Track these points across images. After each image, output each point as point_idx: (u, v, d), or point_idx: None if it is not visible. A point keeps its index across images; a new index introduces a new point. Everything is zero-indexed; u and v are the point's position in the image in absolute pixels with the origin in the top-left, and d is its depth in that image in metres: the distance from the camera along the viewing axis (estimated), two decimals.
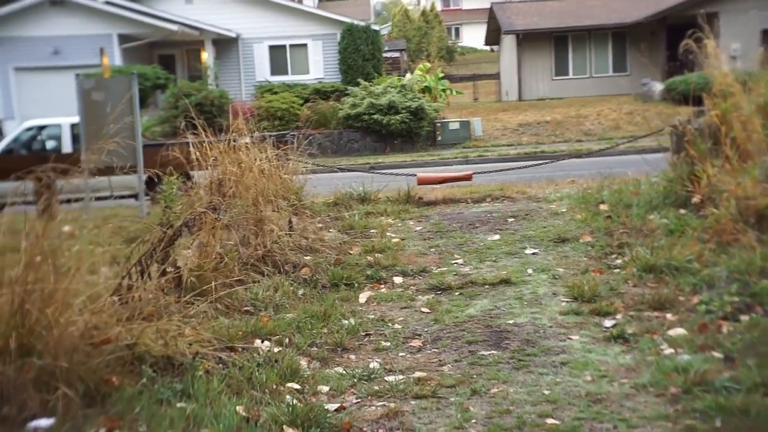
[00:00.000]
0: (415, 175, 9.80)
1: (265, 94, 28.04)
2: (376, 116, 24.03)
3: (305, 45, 32.20)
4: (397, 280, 6.51)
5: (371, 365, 4.61)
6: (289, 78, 31.14)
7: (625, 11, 33.04)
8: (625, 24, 32.27)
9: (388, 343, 5.00)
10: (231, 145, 7.66)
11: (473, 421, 3.80)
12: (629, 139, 14.16)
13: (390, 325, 5.37)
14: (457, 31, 64.55)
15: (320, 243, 7.31)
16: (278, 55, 32.22)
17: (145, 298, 4.53)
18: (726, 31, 27.37)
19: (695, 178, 7.27)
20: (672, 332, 4.80)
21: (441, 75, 29.59)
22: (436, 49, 47.22)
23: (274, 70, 31.93)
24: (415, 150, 24.16)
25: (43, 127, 14.58)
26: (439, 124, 25.05)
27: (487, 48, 49.81)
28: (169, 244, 4.87)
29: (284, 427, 3.69)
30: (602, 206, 8.23)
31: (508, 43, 35.87)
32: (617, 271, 6.27)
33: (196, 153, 7.75)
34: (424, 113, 24.40)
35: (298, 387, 4.24)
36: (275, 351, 4.74)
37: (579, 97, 31.44)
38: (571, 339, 4.89)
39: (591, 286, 5.74)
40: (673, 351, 4.49)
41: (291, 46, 32.22)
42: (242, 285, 6.00)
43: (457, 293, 6.04)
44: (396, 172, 10.23)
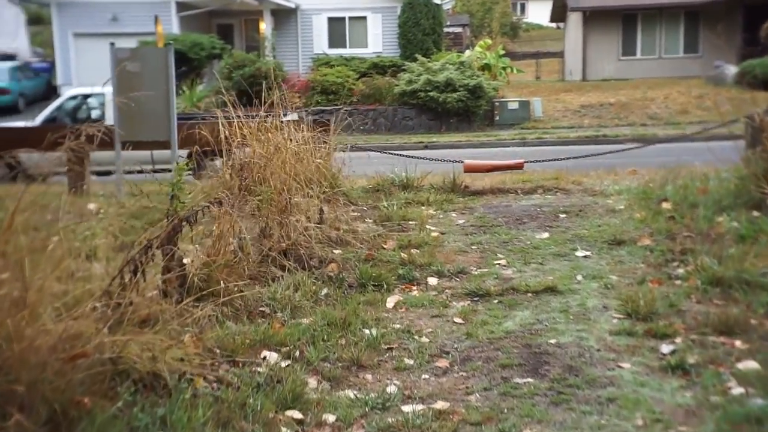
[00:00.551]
0: (462, 162, 9.13)
1: (321, 68, 27.51)
2: (432, 93, 23.33)
3: (365, 18, 31.55)
4: (432, 281, 5.91)
5: (389, 389, 4.04)
6: (347, 51, 30.56)
7: None
8: (699, 3, 30.81)
9: (411, 361, 4.42)
10: (262, 124, 7.11)
11: None
12: (701, 128, 13.26)
13: (416, 337, 4.79)
14: (523, 7, 63.02)
15: (352, 235, 6.73)
16: (337, 28, 31.64)
17: (137, 302, 4.01)
18: None
19: None
20: (742, 365, 4.12)
21: (502, 52, 28.65)
22: (498, 25, 45.97)
23: (332, 43, 31.38)
24: (472, 130, 23.43)
25: (87, 96, 14.28)
26: (497, 104, 24.25)
27: (553, 25, 48.41)
28: (169, 239, 4.35)
29: None
30: (665, 204, 7.49)
31: (574, 21, 34.67)
32: (679, 282, 5.57)
33: (225, 131, 7.23)
34: (483, 92, 23.62)
35: (300, 416, 3.69)
36: (282, 366, 4.20)
37: (646, 78, 30.20)
38: (621, 367, 4.24)
39: (647, 300, 5.06)
40: (743, 391, 3.82)
41: (350, 18, 31.60)
42: (259, 282, 5.48)
43: (496, 301, 5.41)
44: (442, 158, 9.56)
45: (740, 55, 28.36)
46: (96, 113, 14.30)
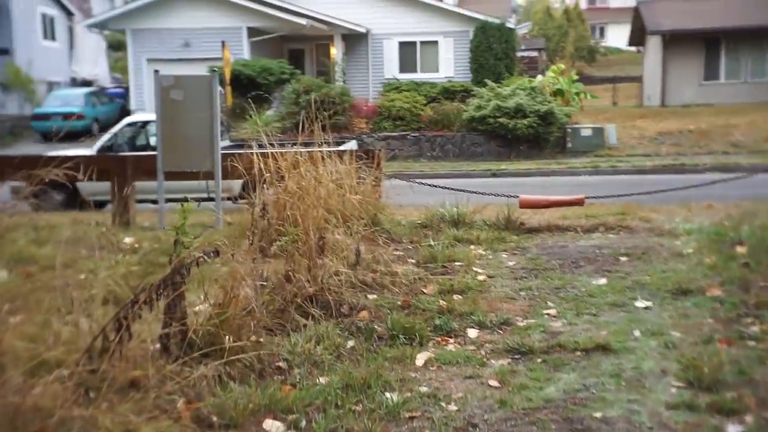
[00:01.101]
0: (517, 197, 8.54)
1: (391, 92, 27.17)
2: (501, 119, 22.69)
3: (436, 42, 31.16)
4: (471, 333, 5.35)
5: None
6: (418, 76, 30.18)
7: None
8: None
9: None
10: (299, 156, 6.69)
11: None
12: None
13: (443, 404, 4.23)
14: (602, 30, 61.81)
15: (390, 278, 6.23)
16: (408, 52, 31.32)
17: (120, 365, 3.59)
18: None
19: None
20: None
21: (576, 77, 27.82)
22: (573, 49, 45.03)
23: (403, 68, 31.05)
24: (542, 157, 22.67)
25: (146, 123, 14.18)
26: (569, 130, 23.46)
27: (633, 49, 47.18)
28: (172, 288, 3.91)
29: None
30: (739, 248, 6.77)
31: (654, 44, 33.58)
32: (752, 343, 4.90)
33: (260, 163, 6.85)
34: (554, 118, 22.87)
35: None
36: None
37: (729, 104, 28.91)
38: None
39: (714, 366, 4.42)
40: None
41: (421, 42, 31.25)
42: (279, 333, 5.03)
43: (540, 360, 4.82)
44: (495, 192, 8.98)
45: None
46: (155, 140, 14.16)
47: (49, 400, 3.19)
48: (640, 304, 5.80)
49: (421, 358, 4.87)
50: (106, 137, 13.53)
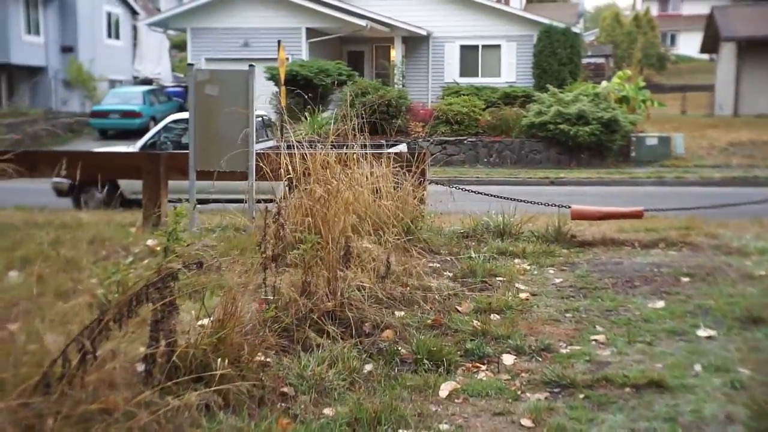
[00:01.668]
0: (569, 207, 7.86)
1: (450, 97, 26.54)
2: (562, 126, 21.88)
3: (498, 46, 30.46)
4: (507, 360, 4.74)
5: None
6: (479, 80, 29.50)
7: None
8: None
9: None
10: (330, 157, 6.16)
11: None
12: None
13: None
14: (673, 38, 60.09)
15: (422, 293, 5.65)
16: (469, 56, 30.68)
17: (79, 395, 3.09)
18: None
19: None
20: None
21: (642, 84, 26.79)
22: (640, 56, 43.72)
23: (464, 72, 30.41)
24: (604, 166, 21.79)
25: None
26: (634, 139, 22.52)
27: (705, 57, 45.65)
28: (130, 306, 3.39)
29: None
30: None
31: (727, 52, 32.28)
32: None
33: (288, 164, 6.35)
34: (618, 125, 21.97)
35: None
36: None
37: None
38: None
39: None
40: None
41: (483, 46, 30.59)
42: (289, 353, 4.49)
43: (582, 396, 4.19)
44: (549, 202, 8.31)
45: None
46: None
47: None
48: (703, 333, 5.11)
49: (445, 388, 4.28)
50: (149, 135, 13.23)
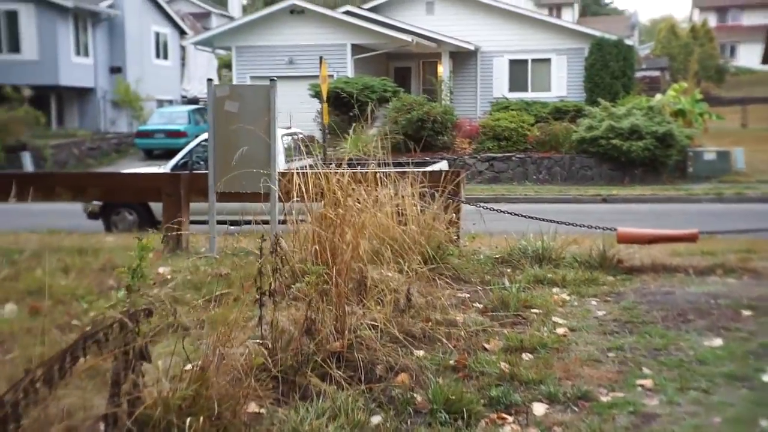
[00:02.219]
0: (615, 229, 7.18)
1: (499, 112, 25.89)
2: (615, 141, 21.07)
3: (548, 60, 29.76)
4: (538, 409, 4.11)
5: None
6: (529, 95, 28.84)
7: None
8: None
9: None
10: (338, 177, 5.62)
11: None
12: None
13: None
14: (733, 49, 58.52)
15: (446, 329, 5.06)
16: (518, 70, 30.03)
17: None
18: None
19: None
20: None
21: (699, 96, 25.79)
22: (697, 68, 42.44)
23: (513, 86, 29.76)
24: (659, 182, 20.90)
25: None
26: (690, 153, 21.58)
27: (767, 68, 44.16)
28: (64, 360, 2.87)
29: None
30: None
31: None
32: None
33: (300, 184, 5.83)
34: (674, 140, 21.08)
35: None
36: None
37: None
38: None
39: None
40: None
41: (533, 60, 29.92)
42: (285, 403, 3.94)
43: None
44: (591, 225, 7.63)
45: None
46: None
47: None
48: None
49: None
50: (181, 154, 12.87)
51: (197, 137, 13.92)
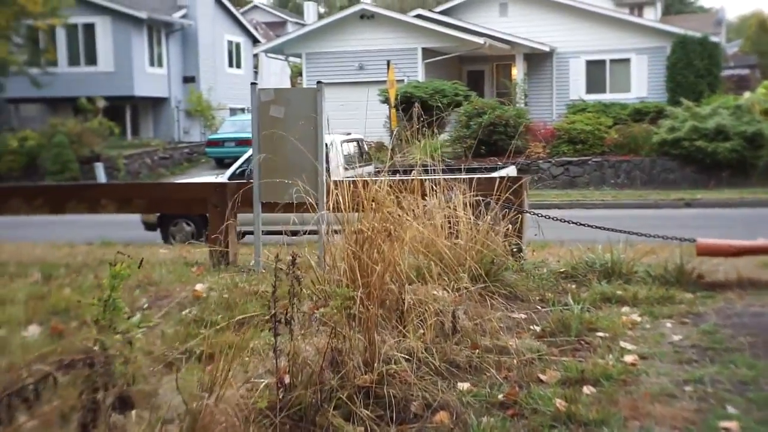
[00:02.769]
0: (694, 240, 6.43)
1: (576, 114, 24.95)
2: (699, 142, 19.97)
3: (628, 60, 28.64)
4: None
5: None
6: (607, 96, 27.78)
7: None
8: None
9: None
10: (377, 187, 5.07)
11: None
12: None
13: None
14: None
15: (496, 356, 4.47)
16: (596, 71, 28.98)
17: None
18: None
19: None
20: None
21: None
22: None
23: (590, 88, 28.74)
24: (748, 185, 19.70)
25: None
26: None
27: None
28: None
29: None
30: None
31: None
32: None
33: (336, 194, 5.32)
34: (764, 140, 19.88)
35: None
36: None
37: None
38: None
39: None
40: None
41: (611, 60, 28.84)
42: None
43: None
44: (670, 234, 6.87)
45: None
46: None
47: None
48: None
49: None
50: (238, 163, 12.52)
51: None
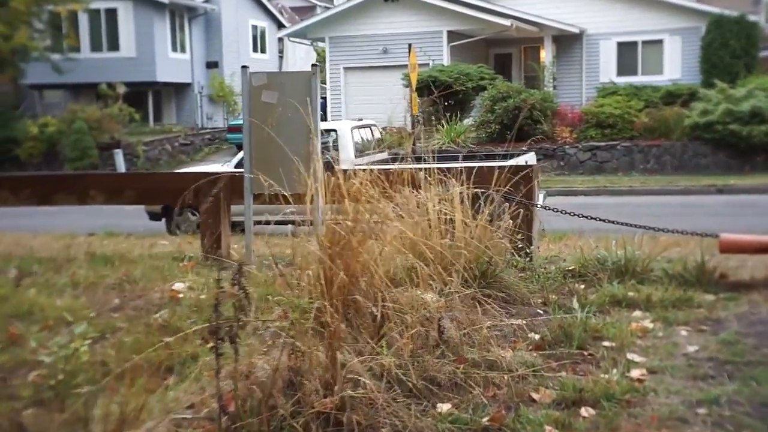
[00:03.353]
0: (717, 236, 5.85)
1: (605, 98, 24.17)
2: (733, 126, 19.18)
3: (661, 41, 27.71)
4: None
5: None
6: (638, 79, 26.89)
7: None
8: None
9: None
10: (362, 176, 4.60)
11: None
12: None
13: None
14: None
15: (484, 372, 3.96)
16: (627, 53, 28.09)
17: None
18: None
19: None
20: None
21: None
22: None
23: (621, 70, 27.86)
24: None
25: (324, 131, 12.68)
26: None
27: None
28: None
29: None
30: None
31: None
32: None
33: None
34: None
35: None
36: None
37: None
38: None
39: None
40: None
41: (643, 42, 27.92)
42: None
43: None
44: (690, 228, 6.27)
45: None
46: None
47: None
48: None
49: None
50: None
51: None
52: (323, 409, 3.35)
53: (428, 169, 5.63)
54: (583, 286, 5.51)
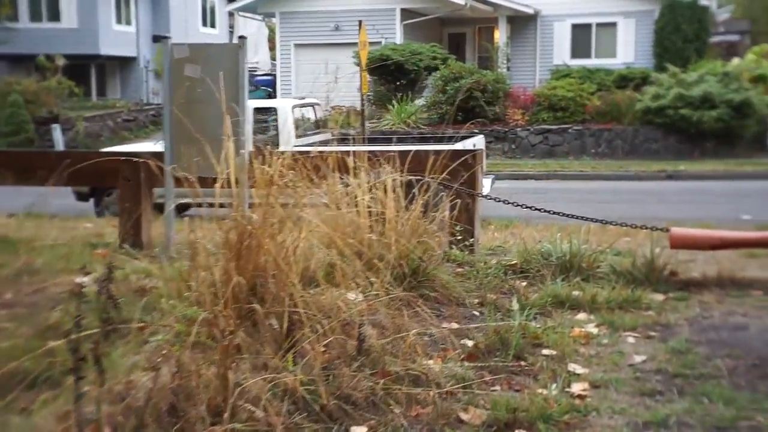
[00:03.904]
0: (668, 230, 5.45)
1: (558, 80, 23.85)
2: (684, 111, 19.01)
3: (614, 24, 27.51)
4: None
5: None
6: (592, 62, 26.66)
7: None
8: None
9: None
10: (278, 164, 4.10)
11: None
12: None
13: None
14: None
15: (408, 387, 3.50)
16: (581, 36, 27.82)
17: None
18: None
19: None
20: None
21: None
22: None
23: (575, 53, 27.60)
24: (734, 156, 18.82)
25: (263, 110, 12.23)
26: None
27: None
28: None
29: None
30: None
31: None
32: None
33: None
34: (752, 109, 18.95)
35: None
36: None
37: None
38: None
39: None
40: None
41: (598, 24, 27.69)
42: None
43: None
44: (634, 224, 5.86)
45: None
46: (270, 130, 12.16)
47: None
48: None
49: None
50: None
51: None
52: None
53: (358, 153, 5.15)
54: (524, 284, 5.07)
